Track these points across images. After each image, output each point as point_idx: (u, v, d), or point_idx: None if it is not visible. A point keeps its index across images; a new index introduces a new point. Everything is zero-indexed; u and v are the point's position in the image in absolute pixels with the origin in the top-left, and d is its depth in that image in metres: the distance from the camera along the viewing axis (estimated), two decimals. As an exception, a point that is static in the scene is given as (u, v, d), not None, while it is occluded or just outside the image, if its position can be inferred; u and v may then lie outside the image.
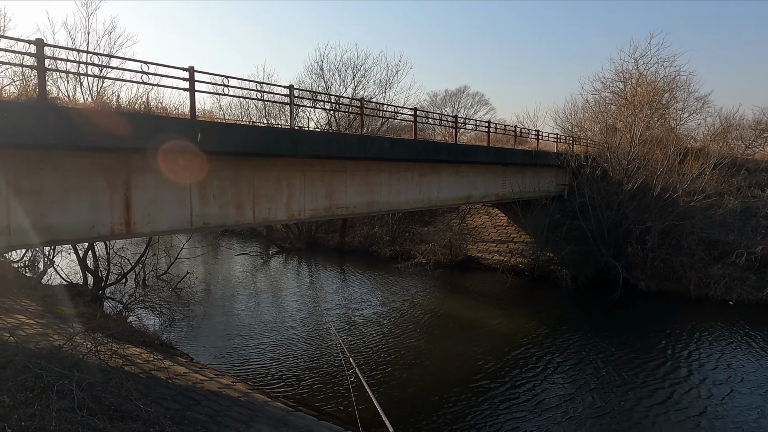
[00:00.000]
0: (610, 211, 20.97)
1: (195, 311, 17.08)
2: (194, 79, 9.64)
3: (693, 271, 19.52)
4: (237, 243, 33.90)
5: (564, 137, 28.51)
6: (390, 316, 17.28)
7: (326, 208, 13.90)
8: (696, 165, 21.60)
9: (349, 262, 27.48)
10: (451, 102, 56.57)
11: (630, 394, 11.35)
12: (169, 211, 10.15)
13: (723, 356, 13.64)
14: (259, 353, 13.64)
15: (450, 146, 17.32)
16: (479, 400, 11.02)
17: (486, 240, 26.39)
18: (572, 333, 15.60)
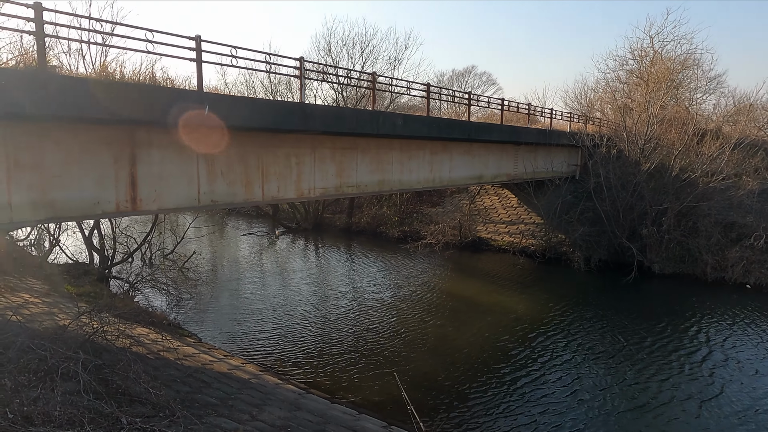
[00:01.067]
0: (626, 192, 20.46)
1: (202, 291, 16.89)
2: (201, 49, 9.18)
3: (710, 253, 19.09)
4: (243, 223, 33.65)
5: (578, 116, 27.82)
6: (403, 298, 17.01)
7: (336, 186, 13.53)
8: (715, 145, 21.00)
9: (357, 242, 27.18)
10: (459, 82, 55.67)
11: (640, 377, 11.15)
12: (176, 187, 9.79)
13: (740, 339, 13.31)
14: (268, 334, 13.40)
15: (463, 123, 16.81)
16: (494, 385, 10.75)
17: (496, 221, 25.98)
18: (588, 315, 15.29)
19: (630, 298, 17.35)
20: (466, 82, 55.94)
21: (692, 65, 33.31)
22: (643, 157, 21.03)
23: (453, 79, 55.99)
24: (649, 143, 21.24)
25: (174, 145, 9.58)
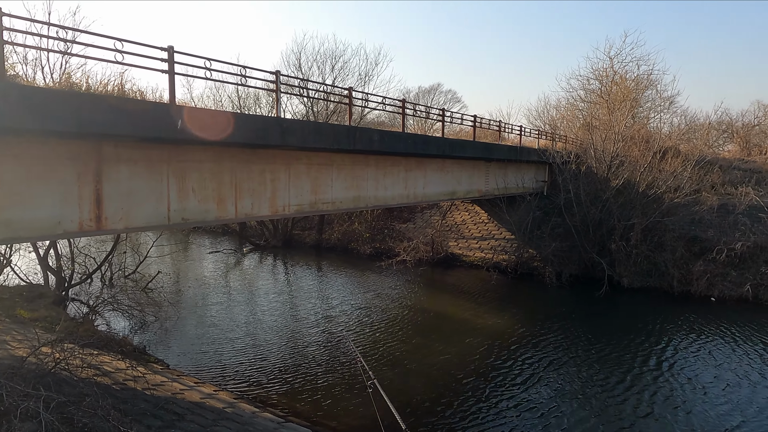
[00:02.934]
0: (595, 207, 20.89)
1: (167, 313, 16.06)
2: (174, 61, 8.77)
3: (675, 267, 19.62)
4: (209, 240, 32.61)
5: (546, 134, 28.43)
6: (377, 317, 16.65)
7: (312, 203, 13.18)
8: (676, 162, 21.76)
9: (328, 260, 26.70)
10: (425, 99, 56.39)
11: (602, 386, 11.39)
12: (144, 205, 9.24)
13: (704, 352, 13.60)
14: (239, 358, 12.78)
15: (438, 140, 16.79)
16: (471, 401, 10.52)
17: (467, 237, 26.05)
18: (559, 330, 15.33)
19: (601, 312, 17.55)
20: (432, 99, 56.71)
21: (649, 85, 34.75)
22: (610, 173, 21.57)
23: (419, 96, 56.68)
24: (615, 160, 21.81)
25: (143, 161, 9.07)
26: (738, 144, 41.24)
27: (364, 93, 14.61)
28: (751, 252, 19.51)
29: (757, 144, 41.37)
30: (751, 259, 19.40)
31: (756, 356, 13.26)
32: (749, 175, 27.39)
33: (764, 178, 27.16)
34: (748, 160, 31.89)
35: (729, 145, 42.97)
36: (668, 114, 35.98)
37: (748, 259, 19.41)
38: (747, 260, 19.39)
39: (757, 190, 24.44)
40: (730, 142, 43.22)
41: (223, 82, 11.33)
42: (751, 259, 19.38)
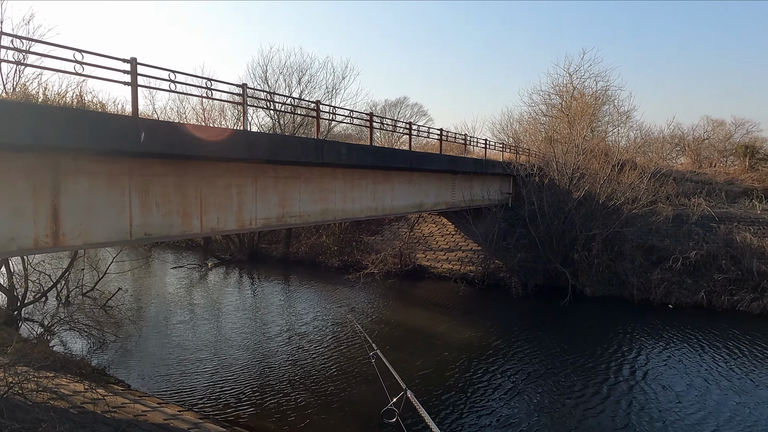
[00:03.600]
0: (558, 219, 21.45)
1: (128, 332, 15.50)
2: (137, 73, 8.58)
3: (635, 276, 20.30)
4: (171, 255, 31.74)
5: (510, 147, 29.09)
6: (347, 331, 16.52)
7: (279, 216, 13.04)
8: (633, 174, 22.62)
9: (295, 273, 26.38)
10: (392, 112, 56.96)
11: (575, 393, 11.71)
12: (104, 220, 8.94)
13: (662, 357, 14.13)
14: (204, 377, 12.42)
15: (406, 153, 16.95)
16: (442, 414, 10.54)
17: (435, 249, 26.26)
18: (526, 340, 15.59)
19: (565, 320, 17.95)
20: (398, 112, 57.30)
21: (607, 101, 36.13)
22: (572, 185, 22.22)
23: (386, 109, 57.20)
24: (576, 173, 22.50)
25: (104, 174, 8.79)
26: (689, 157, 43.25)
27: (332, 106, 14.62)
28: (704, 260, 20.39)
29: (707, 157, 43.52)
30: (704, 266, 20.27)
31: (718, 361, 13.80)
32: (701, 187, 28.76)
33: (714, 190, 28.58)
34: (700, 173, 33.50)
35: (681, 158, 45.05)
36: (625, 128, 37.44)
37: (701, 267, 20.27)
38: (701, 268, 20.25)
39: (708, 201, 25.66)
40: (682, 155, 45.31)
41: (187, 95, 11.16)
42: (705, 267, 20.25)
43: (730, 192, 28.45)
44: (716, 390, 11.97)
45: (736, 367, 13.42)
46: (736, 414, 10.79)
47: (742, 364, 13.64)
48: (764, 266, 19.16)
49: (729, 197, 27.56)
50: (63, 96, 10.71)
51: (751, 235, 20.77)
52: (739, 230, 21.48)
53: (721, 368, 13.32)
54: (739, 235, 20.95)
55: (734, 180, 30.66)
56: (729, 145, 44.34)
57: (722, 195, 27.65)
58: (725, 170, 35.12)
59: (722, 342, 15.38)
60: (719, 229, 21.88)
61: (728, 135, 45.64)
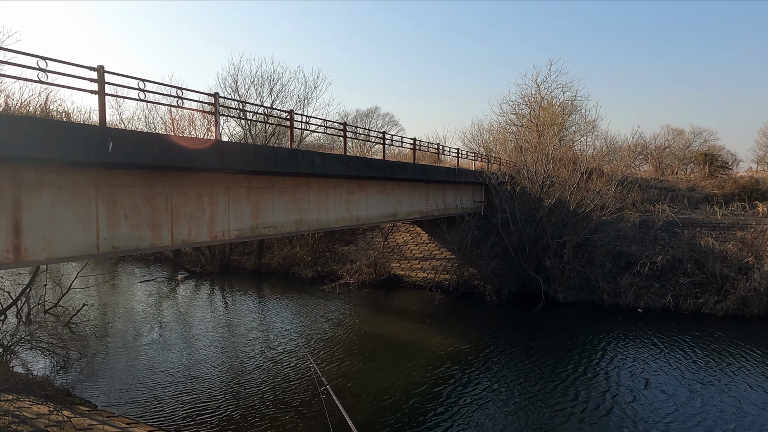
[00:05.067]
0: (530, 226, 21.78)
1: (95, 349, 14.95)
2: (104, 81, 8.33)
3: (605, 281, 20.75)
4: (139, 269, 30.81)
5: (482, 156, 29.47)
6: (322, 343, 16.30)
7: (252, 227, 12.81)
8: (601, 182, 23.20)
9: (268, 285, 25.96)
10: (363, 122, 57.12)
11: (549, 398, 11.90)
12: (70, 233, 8.60)
13: (632, 360, 14.49)
14: (175, 395, 12.02)
15: (380, 162, 16.94)
16: (419, 422, 10.47)
17: (409, 258, 26.28)
18: (501, 347, 15.72)
19: (539, 326, 18.17)
20: (370, 122, 57.52)
21: (574, 110, 37.07)
22: (543, 193, 22.63)
23: (357, 118, 57.32)
24: (547, 181, 22.93)
25: (69, 186, 8.48)
26: (652, 165, 44.74)
27: (305, 116, 14.53)
28: (670, 264, 21.00)
29: (669, 164, 45.11)
30: (670, 271, 20.87)
31: (687, 363, 14.20)
32: (664, 194, 29.73)
33: (677, 196, 29.58)
34: (663, 180, 34.65)
35: (645, 165, 46.55)
36: (591, 137, 38.49)
37: (668, 271, 20.86)
38: (667, 272, 20.84)
39: (672, 207, 26.53)
40: (645, 162, 46.83)
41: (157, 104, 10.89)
42: (671, 271, 20.86)
43: (692, 198, 29.48)
44: (685, 391, 12.29)
45: (703, 368, 13.81)
46: (703, 412, 11.10)
47: (709, 365, 14.05)
48: (726, 269, 19.84)
49: (691, 203, 28.56)
50: (26, 105, 10.32)
51: (713, 240, 21.51)
52: (702, 235, 22.23)
53: (689, 370, 13.68)
54: (702, 240, 21.68)
55: (695, 186, 31.80)
56: (688, 153, 46.11)
57: (685, 201, 28.62)
58: (686, 177, 36.40)
59: (689, 344, 15.82)
60: (683, 234, 22.61)
61: (687, 143, 47.49)
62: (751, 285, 18.77)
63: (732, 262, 20.09)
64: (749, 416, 10.95)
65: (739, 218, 24.61)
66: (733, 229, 22.79)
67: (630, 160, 42.68)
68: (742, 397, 11.91)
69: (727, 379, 13.00)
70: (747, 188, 29.03)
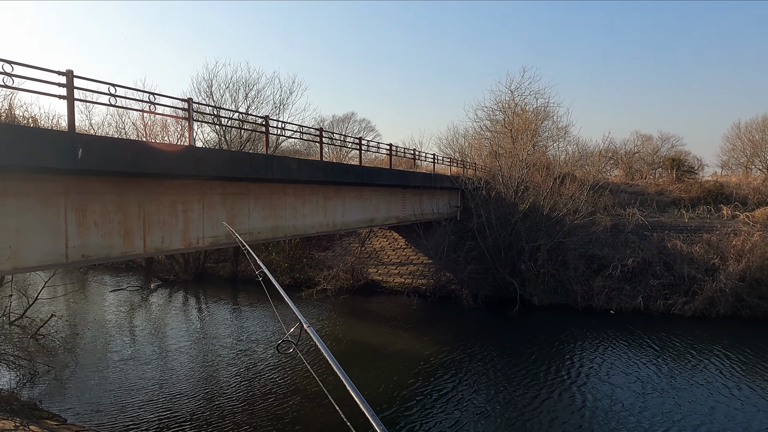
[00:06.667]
0: (505, 231, 22.06)
1: (63, 361, 14.49)
2: (73, 86, 8.14)
3: (578, 284, 21.15)
4: (110, 277, 30.04)
5: (457, 161, 29.77)
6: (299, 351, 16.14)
7: (228, 234, 12.62)
8: (573, 187, 23.68)
9: (244, 293, 25.64)
10: (339, 127, 57.08)
11: (523, 398, 12.13)
12: (37, 242, 8.35)
13: (605, 360, 14.82)
14: (147, 406, 11.74)
15: (356, 168, 16.97)
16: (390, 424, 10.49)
17: (387, 263, 26.30)
18: (474, 350, 15.91)
19: (514, 329, 18.40)
20: (346, 128, 57.51)
21: (546, 117, 37.80)
22: (517, 198, 22.98)
23: (334, 124, 57.26)
24: (521, 186, 23.30)
25: (37, 194, 8.24)
26: (622, 169, 45.87)
27: (281, 121, 14.46)
28: (640, 267, 21.54)
29: (638, 169, 46.31)
30: (641, 273, 21.41)
31: (658, 363, 14.57)
32: (634, 198, 30.49)
33: (646, 200, 30.37)
34: (633, 184, 35.54)
35: (615, 170, 47.69)
36: (564, 143, 39.26)
37: (638, 274, 21.40)
38: (638, 274, 21.38)
39: (641, 211, 27.21)
40: (616, 167, 47.97)
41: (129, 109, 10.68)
42: (641, 274, 21.39)
43: (661, 202, 30.32)
44: (656, 391, 12.59)
45: (672, 367, 14.19)
46: (672, 411, 11.41)
47: (678, 363, 14.46)
48: (694, 271, 20.45)
49: (660, 207, 29.35)
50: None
51: (680, 242, 22.15)
52: (670, 238, 22.88)
53: (660, 370, 14.04)
54: (670, 243, 22.30)
55: (664, 191, 32.71)
56: (657, 158, 47.45)
57: (654, 205, 29.41)
58: (655, 182, 37.43)
59: (660, 344, 16.24)
60: (653, 237, 23.22)
61: (656, 149, 48.88)
62: (717, 286, 19.38)
63: (699, 264, 20.72)
64: (713, 410, 11.33)
65: (705, 221, 25.42)
66: (700, 231, 23.53)
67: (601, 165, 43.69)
68: (707, 393, 12.32)
69: (695, 377, 13.41)
70: (712, 192, 29.99)
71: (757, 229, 22.78)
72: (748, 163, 44.69)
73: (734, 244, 21.25)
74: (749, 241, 21.26)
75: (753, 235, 21.77)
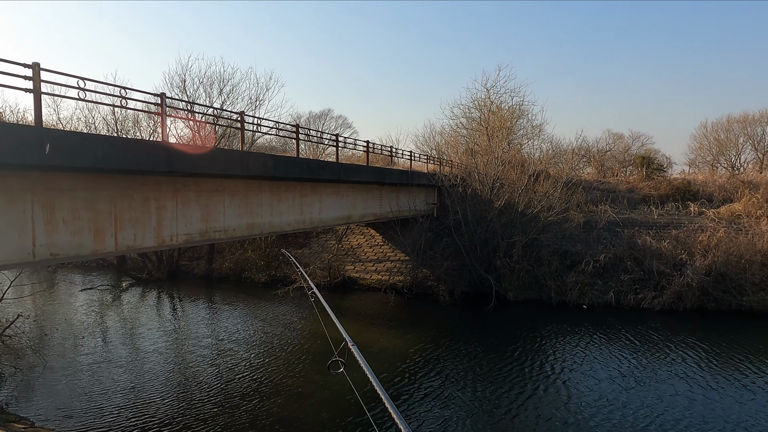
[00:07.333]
0: (481, 227, 22.30)
1: (31, 363, 14.09)
2: (40, 79, 7.90)
3: (552, 279, 21.54)
4: (80, 276, 29.26)
5: (434, 159, 29.91)
6: (277, 350, 16.05)
7: (202, 232, 12.47)
8: (547, 184, 24.07)
9: (220, 291, 25.30)
10: (316, 124, 56.74)
11: (499, 393, 12.34)
12: (2, 240, 8.08)
13: (581, 354, 15.17)
14: (119, 408, 11.51)
15: (333, 165, 16.89)
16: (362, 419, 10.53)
17: (364, 260, 26.31)
18: (454, 345, 16.09)
19: (490, 325, 18.64)
20: (323, 124, 57.19)
21: (521, 115, 38.28)
22: (493, 195, 23.23)
23: (310, 120, 56.89)
24: (497, 183, 23.57)
25: (1, 190, 7.97)
26: (595, 167, 46.80)
27: (257, 117, 14.30)
28: (612, 262, 22.06)
29: (610, 167, 47.34)
30: (612, 268, 21.93)
31: (628, 355, 14.99)
32: (606, 195, 31.18)
33: (618, 197, 31.08)
34: (604, 182, 36.31)
35: (588, 168, 48.67)
36: (538, 140, 39.82)
37: (610, 269, 21.91)
38: (609, 270, 21.89)
39: (613, 208, 27.86)
40: (588, 165, 48.96)
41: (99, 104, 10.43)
42: (612, 269, 21.91)
43: (631, 199, 31.07)
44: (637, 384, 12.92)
45: (643, 359, 14.60)
46: (654, 404, 11.72)
47: (647, 355, 14.88)
48: (662, 266, 21.04)
49: (630, 204, 30.08)
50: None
51: (650, 238, 22.76)
52: (640, 234, 23.48)
53: (631, 362, 14.43)
54: (640, 239, 22.89)
55: (634, 188, 33.52)
56: (628, 156, 48.60)
57: (624, 202, 30.12)
58: (626, 179, 38.30)
59: (633, 338, 16.68)
60: (623, 233, 23.80)
61: (627, 147, 50.07)
62: (685, 280, 19.98)
63: (667, 259, 21.33)
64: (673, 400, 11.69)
65: (673, 218, 26.16)
66: (668, 228, 24.21)
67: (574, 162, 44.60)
68: (675, 383, 12.74)
69: (673, 369, 13.84)
70: (680, 189, 30.87)
71: (722, 226, 23.56)
72: (714, 161, 46.17)
73: (701, 240, 21.93)
74: (714, 237, 21.97)
75: (718, 231, 22.51)
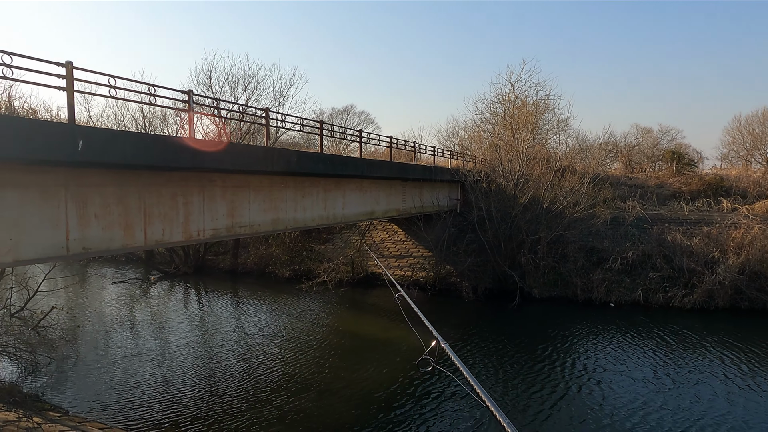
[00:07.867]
0: (505, 223, 22.07)
1: (64, 353, 14.52)
2: (73, 77, 8.10)
3: (578, 277, 21.19)
4: (110, 270, 30.05)
5: (457, 154, 29.70)
6: (299, 344, 16.21)
7: (228, 227, 12.65)
8: (574, 180, 23.66)
9: (244, 285, 25.67)
10: (339, 120, 56.93)
11: (531, 392, 12.16)
12: (37, 234, 8.35)
13: (605, 354, 14.86)
14: (149, 397, 11.81)
15: (356, 160, 16.93)
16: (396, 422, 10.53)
17: (387, 256, 26.32)
18: (474, 342, 15.96)
19: (516, 322, 18.45)
20: (345, 120, 57.35)
21: (547, 109, 37.67)
22: (518, 191, 22.95)
23: (333, 116, 57.09)
24: (521, 178, 23.28)
25: (36, 186, 8.22)
26: (622, 162, 45.82)
27: (281, 113, 14.41)
28: (640, 260, 21.58)
29: (638, 162, 46.28)
30: (640, 266, 21.45)
31: (657, 355, 14.65)
32: (634, 190, 30.49)
33: (646, 193, 30.37)
34: (632, 177, 35.52)
35: (615, 163, 47.67)
36: (564, 135, 39.11)
37: (638, 266, 21.44)
38: (637, 267, 21.42)
39: (641, 204, 27.23)
40: (615, 160, 47.95)
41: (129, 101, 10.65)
42: (641, 266, 21.44)
43: (661, 195, 30.31)
44: (656, 382, 12.65)
45: (679, 359, 14.24)
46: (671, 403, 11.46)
47: (678, 355, 14.51)
48: (693, 264, 20.49)
49: (659, 200, 29.35)
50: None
51: (680, 235, 22.18)
52: (670, 230, 22.90)
53: (666, 362, 14.09)
54: (670, 235, 22.32)
55: (663, 183, 32.70)
56: (657, 151, 47.41)
57: (653, 198, 29.41)
58: (655, 174, 37.41)
59: (664, 336, 16.30)
60: (652, 230, 23.24)
61: (656, 141, 48.82)
62: (716, 279, 19.42)
63: (698, 257, 20.75)
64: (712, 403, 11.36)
65: (704, 214, 25.43)
66: (700, 224, 23.54)
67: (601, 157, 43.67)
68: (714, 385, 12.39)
69: (700, 368, 13.48)
70: (712, 185, 29.97)
71: (757, 222, 22.79)
72: (748, 156, 44.65)
73: (734, 237, 21.27)
74: (749, 234, 21.28)
75: (752, 228, 21.79)
